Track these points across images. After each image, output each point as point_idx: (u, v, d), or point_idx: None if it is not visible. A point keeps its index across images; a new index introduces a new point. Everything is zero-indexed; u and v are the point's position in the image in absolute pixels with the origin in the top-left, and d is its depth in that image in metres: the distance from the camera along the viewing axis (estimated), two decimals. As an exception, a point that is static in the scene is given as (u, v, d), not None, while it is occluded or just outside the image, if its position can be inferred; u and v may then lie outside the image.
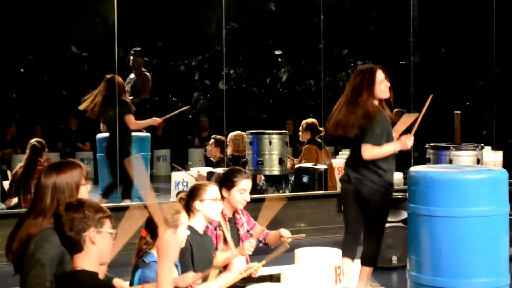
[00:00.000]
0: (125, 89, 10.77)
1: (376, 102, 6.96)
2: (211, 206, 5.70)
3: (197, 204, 5.65)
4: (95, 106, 10.31)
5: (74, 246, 4.06)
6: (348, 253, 7.09)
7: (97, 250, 4.10)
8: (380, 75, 6.92)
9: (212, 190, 5.78)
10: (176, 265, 5.17)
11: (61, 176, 4.76)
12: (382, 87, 6.91)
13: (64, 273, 4.12)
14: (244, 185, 6.26)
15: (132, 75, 11.56)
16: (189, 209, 5.62)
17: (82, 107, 10.36)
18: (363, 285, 7.16)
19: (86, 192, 4.84)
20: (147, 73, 11.59)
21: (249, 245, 5.87)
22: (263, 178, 10.79)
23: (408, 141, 6.94)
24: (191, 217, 5.59)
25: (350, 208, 7.16)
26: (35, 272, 4.45)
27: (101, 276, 4.33)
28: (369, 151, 6.90)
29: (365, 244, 7.26)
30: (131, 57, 11.71)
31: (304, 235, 6.65)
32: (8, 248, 4.72)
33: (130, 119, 10.50)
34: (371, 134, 6.91)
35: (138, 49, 11.62)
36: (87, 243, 4.05)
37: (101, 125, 10.73)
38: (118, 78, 10.52)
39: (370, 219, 7.14)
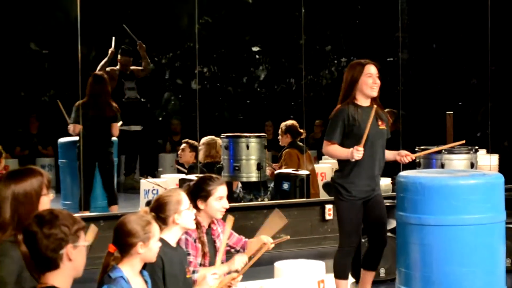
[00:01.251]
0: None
1: (360, 97, 7.04)
2: (188, 215, 5.71)
3: (176, 217, 5.63)
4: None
5: (49, 264, 4.02)
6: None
7: (73, 266, 4.06)
8: (368, 69, 6.98)
9: (185, 199, 5.77)
10: (146, 281, 5.16)
11: (19, 185, 4.72)
12: (369, 81, 6.96)
13: None
14: (220, 192, 6.25)
15: (130, 83, 11.76)
16: (163, 222, 5.60)
17: None
18: None
19: (47, 202, 4.78)
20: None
21: (241, 260, 5.90)
22: (240, 185, 10.79)
23: (356, 153, 6.84)
24: (164, 230, 5.60)
25: None
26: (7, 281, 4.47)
27: None
28: (324, 147, 7.11)
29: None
30: (120, 57, 11.81)
31: (288, 236, 6.67)
32: None
33: (117, 127, 10.66)
34: (327, 129, 7.11)
35: (125, 47, 11.82)
36: (64, 260, 4.01)
37: (75, 125, 10.58)
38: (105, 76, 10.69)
39: None
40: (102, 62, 11.55)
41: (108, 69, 11.52)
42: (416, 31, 12.50)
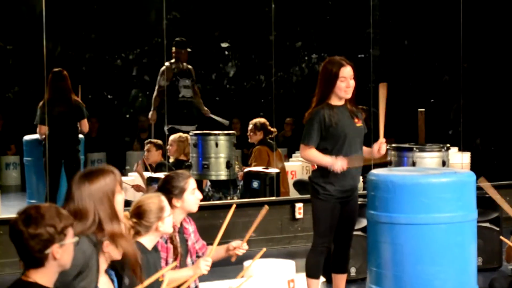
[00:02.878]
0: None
1: (334, 99, 7.07)
2: (170, 221, 5.77)
3: (159, 225, 5.66)
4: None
5: (34, 263, 4.05)
6: None
7: (58, 264, 4.09)
8: (343, 71, 6.99)
9: (167, 205, 5.81)
10: (112, 280, 5.14)
11: (95, 185, 4.76)
12: (342, 85, 6.98)
13: (16, 281, 4.13)
14: (192, 184, 6.29)
15: (187, 81, 11.52)
16: (145, 229, 5.64)
17: None
18: None
19: (122, 201, 4.86)
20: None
21: (205, 264, 5.91)
22: (209, 183, 10.80)
23: (337, 166, 6.89)
24: (143, 235, 5.64)
25: None
26: None
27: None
28: (301, 151, 7.15)
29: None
30: (174, 49, 11.53)
31: (265, 249, 6.68)
32: None
33: (86, 123, 10.65)
34: (303, 133, 7.13)
35: (179, 39, 11.51)
36: (49, 259, 4.04)
37: (41, 126, 10.58)
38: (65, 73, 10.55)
39: None
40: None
41: (166, 63, 11.37)
42: (387, 27, 12.56)
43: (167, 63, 11.28)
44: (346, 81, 6.97)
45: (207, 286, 6.16)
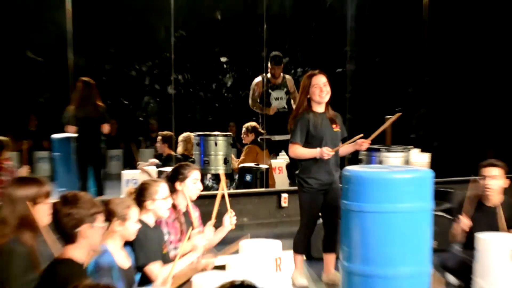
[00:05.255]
0: None
1: (314, 105, 7.19)
2: (162, 205, 5.82)
3: (149, 203, 5.74)
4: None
5: (67, 238, 4.16)
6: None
7: (87, 243, 4.20)
8: (315, 80, 7.13)
9: (162, 190, 5.87)
10: (129, 254, 5.29)
11: (19, 190, 4.68)
12: (316, 92, 7.12)
13: (57, 258, 4.23)
14: (195, 175, 6.42)
15: (279, 92, 11.09)
16: (140, 205, 5.70)
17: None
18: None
19: (46, 211, 4.66)
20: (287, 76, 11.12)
21: (201, 238, 6.00)
22: (209, 176, 10.83)
23: (325, 153, 7.04)
24: (142, 213, 5.70)
25: None
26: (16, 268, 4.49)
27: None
28: (290, 149, 7.24)
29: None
30: (269, 65, 11.09)
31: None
32: None
33: (108, 126, 10.64)
34: (291, 134, 7.24)
35: (276, 55, 11.03)
36: (80, 237, 4.15)
37: (69, 127, 10.61)
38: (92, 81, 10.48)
39: None
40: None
41: (259, 78, 11.11)
42: (361, 46, 12.55)
43: (259, 77, 11.07)
44: (318, 87, 7.09)
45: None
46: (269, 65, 10.96)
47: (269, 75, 10.97)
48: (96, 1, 11.54)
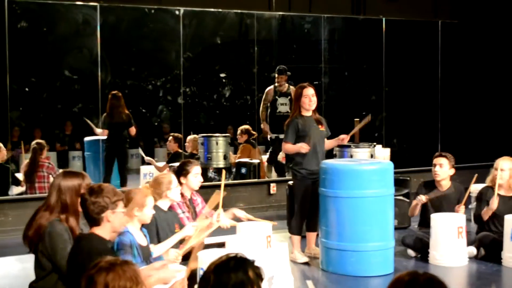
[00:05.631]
0: None
1: (303, 111, 7.12)
2: (176, 191, 5.86)
3: (168, 192, 5.76)
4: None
5: (93, 222, 4.13)
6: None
7: (110, 226, 4.17)
8: (306, 91, 7.09)
9: (174, 180, 5.89)
10: (145, 234, 5.21)
11: (66, 181, 4.73)
12: (305, 101, 7.08)
13: (81, 233, 4.16)
14: (196, 170, 6.36)
15: (284, 99, 10.74)
16: (159, 194, 5.74)
17: None
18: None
19: None
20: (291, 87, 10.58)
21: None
22: (212, 170, 10.78)
23: (302, 147, 6.99)
24: (159, 200, 5.73)
25: None
26: (62, 246, 4.52)
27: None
28: (283, 147, 7.27)
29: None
30: (276, 75, 10.80)
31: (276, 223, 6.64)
32: (25, 235, 4.75)
33: (134, 129, 10.50)
34: (285, 134, 7.21)
35: (281, 67, 10.78)
36: (104, 221, 4.12)
37: (100, 130, 10.52)
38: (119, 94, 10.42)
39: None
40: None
41: (270, 86, 10.84)
42: (333, 63, 12.55)
43: (271, 86, 10.83)
44: (308, 97, 7.07)
45: (207, 240, 6.10)
46: (276, 75, 10.77)
47: (276, 84, 10.75)
48: (119, 30, 11.43)
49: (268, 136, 10.88)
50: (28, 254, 5.02)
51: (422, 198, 7.10)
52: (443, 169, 7.19)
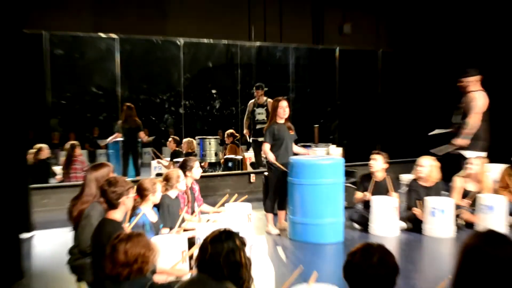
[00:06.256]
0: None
1: (278, 119, 7.06)
2: (182, 183, 5.80)
3: (177, 185, 5.72)
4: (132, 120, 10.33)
5: (112, 206, 4.11)
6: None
7: (125, 208, 4.15)
8: (281, 104, 7.02)
9: (181, 174, 5.84)
10: (155, 213, 5.22)
11: (98, 172, 4.71)
12: (280, 111, 7.03)
13: (103, 219, 4.20)
14: (197, 164, 6.35)
15: (261, 110, 10.44)
16: (170, 187, 5.70)
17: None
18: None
19: None
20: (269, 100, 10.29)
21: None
22: (206, 164, 10.83)
23: (275, 164, 6.91)
24: (170, 190, 5.69)
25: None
26: (89, 227, 4.49)
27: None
28: (263, 146, 7.10)
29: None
30: (254, 90, 10.46)
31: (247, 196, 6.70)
32: (70, 215, 4.73)
33: (143, 134, 10.48)
34: (264, 137, 7.12)
35: (258, 84, 10.49)
36: (120, 205, 4.11)
37: (117, 134, 10.46)
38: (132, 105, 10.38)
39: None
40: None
41: (252, 100, 10.60)
42: (298, 82, 12.58)
43: (252, 100, 10.59)
44: (282, 108, 7.01)
45: (205, 218, 6.14)
46: (254, 90, 10.64)
47: (255, 97, 10.62)
48: (134, 56, 11.43)
49: (250, 139, 10.82)
50: (67, 227, 4.99)
51: (367, 194, 7.10)
52: (377, 163, 7.18)
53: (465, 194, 7.25)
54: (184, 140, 10.82)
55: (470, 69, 7.79)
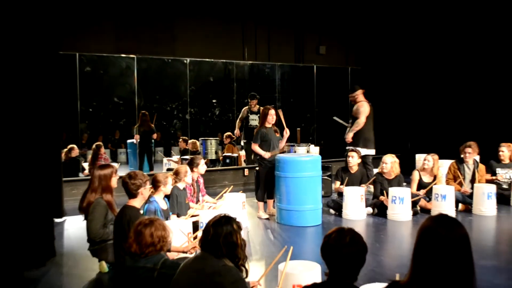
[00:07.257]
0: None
1: (267, 124, 6.97)
2: (189, 177, 5.75)
3: (185, 178, 5.66)
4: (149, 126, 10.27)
5: (132, 196, 4.05)
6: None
7: (142, 197, 4.10)
8: (270, 112, 6.95)
9: (189, 170, 5.80)
10: (166, 202, 5.16)
11: (103, 171, 4.62)
12: (269, 118, 6.95)
13: (124, 205, 4.07)
14: (202, 161, 6.30)
15: (254, 116, 10.16)
16: (179, 180, 5.64)
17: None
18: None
19: (115, 181, 4.64)
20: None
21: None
22: (208, 161, 10.79)
23: (266, 155, 6.83)
24: (179, 182, 5.64)
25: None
26: (95, 221, 4.45)
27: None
28: (252, 146, 7.02)
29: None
30: (249, 99, 10.11)
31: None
32: (80, 206, 4.68)
33: (155, 135, 10.45)
34: (253, 138, 7.07)
35: (252, 94, 10.23)
36: (139, 195, 4.06)
37: (136, 135, 10.34)
38: (147, 113, 10.29)
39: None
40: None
41: (245, 107, 10.34)
42: (283, 93, 12.61)
43: (246, 107, 10.32)
44: (271, 115, 6.95)
45: (207, 205, 6.09)
46: (249, 100, 10.46)
47: (249, 105, 10.43)
48: (149, 72, 11.37)
49: (242, 142, 10.73)
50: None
51: (342, 187, 7.07)
52: (354, 159, 7.23)
53: (422, 185, 7.25)
54: (189, 141, 10.82)
55: (355, 86, 8.30)
